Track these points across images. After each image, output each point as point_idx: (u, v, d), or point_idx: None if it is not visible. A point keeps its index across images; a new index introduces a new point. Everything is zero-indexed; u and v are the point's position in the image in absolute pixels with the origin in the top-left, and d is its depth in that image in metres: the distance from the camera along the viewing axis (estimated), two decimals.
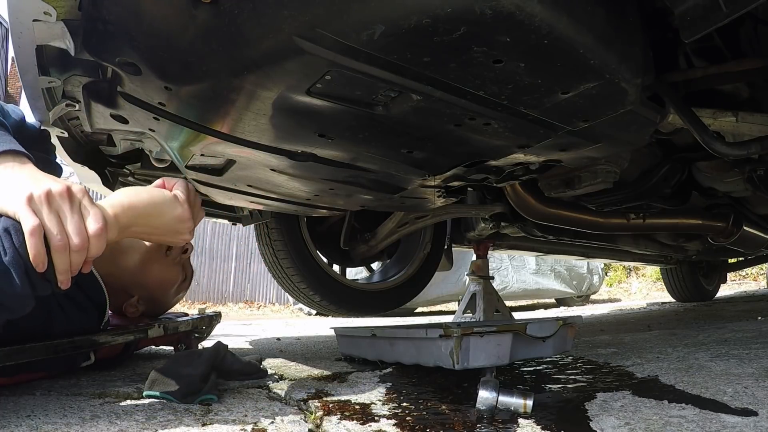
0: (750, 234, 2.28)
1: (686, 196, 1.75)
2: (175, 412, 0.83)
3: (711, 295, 4.47)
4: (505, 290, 6.32)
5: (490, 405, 0.87)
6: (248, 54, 0.69)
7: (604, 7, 0.68)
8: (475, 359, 1.01)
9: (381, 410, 0.92)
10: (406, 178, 1.16)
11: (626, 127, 0.93)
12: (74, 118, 1.18)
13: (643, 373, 1.17)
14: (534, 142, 0.95)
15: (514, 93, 0.77)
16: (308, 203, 1.38)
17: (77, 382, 1.07)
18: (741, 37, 1.02)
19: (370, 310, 2.24)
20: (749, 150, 0.96)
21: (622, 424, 0.79)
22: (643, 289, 10.40)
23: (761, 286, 7.15)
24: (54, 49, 0.87)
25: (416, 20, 0.60)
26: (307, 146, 0.98)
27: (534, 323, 1.11)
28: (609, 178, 1.30)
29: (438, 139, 0.95)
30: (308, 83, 0.74)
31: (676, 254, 2.98)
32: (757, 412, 0.81)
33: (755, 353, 1.30)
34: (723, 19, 0.65)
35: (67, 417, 0.78)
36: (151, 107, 0.88)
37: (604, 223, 1.88)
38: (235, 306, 10.04)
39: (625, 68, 0.75)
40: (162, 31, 0.69)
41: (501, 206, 1.96)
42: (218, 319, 1.72)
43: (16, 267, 0.68)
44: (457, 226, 2.34)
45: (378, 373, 1.24)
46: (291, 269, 1.97)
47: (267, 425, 0.80)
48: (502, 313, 2.29)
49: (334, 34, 0.64)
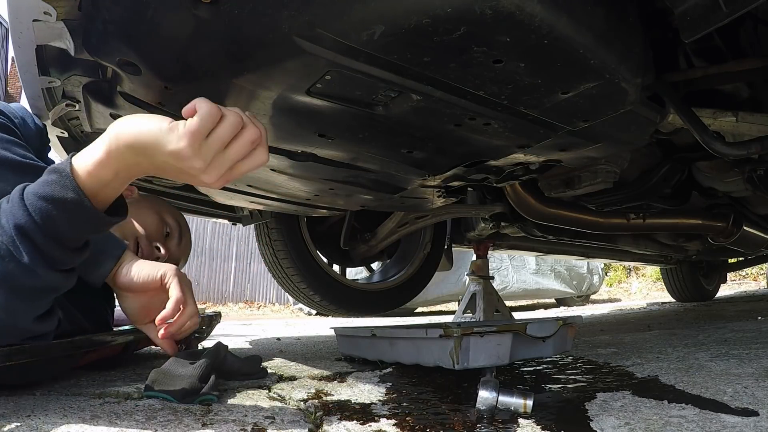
0: (750, 234, 2.28)
1: (686, 196, 1.75)
2: (175, 412, 0.83)
3: (711, 295, 4.47)
4: (505, 290, 6.32)
5: (490, 405, 0.87)
6: (248, 54, 0.69)
7: (604, 7, 0.68)
8: (475, 359, 1.01)
9: (381, 410, 0.92)
10: (406, 178, 1.16)
11: (626, 127, 0.93)
12: (74, 118, 1.18)
13: (643, 373, 1.17)
14: (534, 142, 0.95)
15: (514, 93, 0.77)
16: (308, 203, 1.38)
17: (77, 382, 1.07)
18: (741, 37, 1.02)
19: (370, 310, 2.24)
20: (749, 150, 0.96)
21: (622, 424, 0.79)
22: (643, 289, 10.41)
23: (761, 286, 7.15)
24: (54, 49, 0.87)
25: (416, 20, 0.61)
26: (307, 146, 0.98)
27: (534, 323, 1.11)
28: (609, 178, 1.30)
29: (438, 139, 0.95)
30: (308, 83, 0.74)
31: (676, 254, 2.98)
32: (757, 412, 0.81)
33: (755, 353, 1.30)
34: (723, 19, 0.65)
35: (67, 417, 0.78)
36: (151, 107, 0.88)
37: (604, 223, 1.88)
38: (235, 306, 10.04)
39: (625, 68, 0.75)
40: (162, 31, 0.69)
41: (501, 206, 1.96)
42: (218, 319, 1.72)
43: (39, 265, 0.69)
44: (457, 226, 2.34)
45: (378, 373, 1.24)
46: (291, 269, 1.97)
47: (267, 425, 0.80)
48: (502, 313, 2.30)
49: (334, 34, 0.64)
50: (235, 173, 0.69)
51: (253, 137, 0.68)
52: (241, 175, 0.70)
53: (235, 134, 0.67)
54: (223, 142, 0.66)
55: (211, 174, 0.67)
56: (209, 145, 0.66)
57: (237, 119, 0.67)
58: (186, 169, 0.67)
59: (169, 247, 1.27)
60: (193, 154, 0.65)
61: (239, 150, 0.68)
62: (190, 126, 0.64)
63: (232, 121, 0.66)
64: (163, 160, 0.66)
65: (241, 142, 0.68)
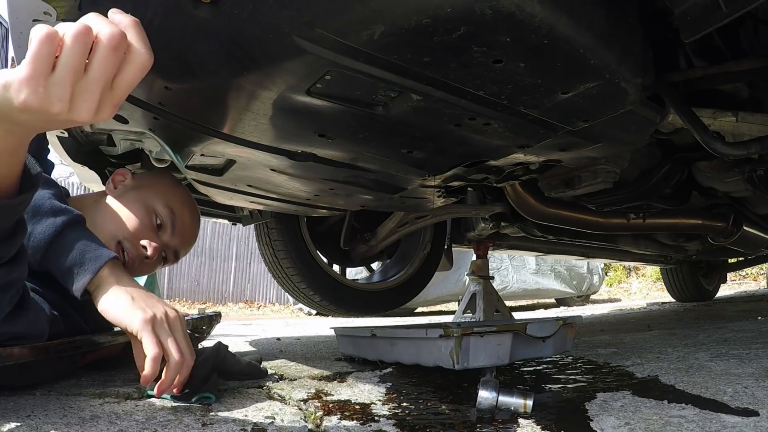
0: (750, 234, 2.28)
1: (686, 196, 1.75)
2: (175, 412, 0.83)
3: (711, 295, 4.47)
4: (505, 290, 6.32)
5: (490, 405, 0.87)
6: (248, 54, 0.69)
7: (604, 7, 0.68)
8: (475, 359, 1.01)
9: (381, 410, 0.92)
10: (406, 178, 1.16)
11: (626, 127, 0.93)
12: None
13: (643, 373, 1.17)
14: (534, 142, 0.95)
15: (514, 93, 0.77)
16: (308, 203, 1.38)
17: (77, 382, 1.07)
18: (741, 37, 1.02)
19: (370, 310, 2.24)
20: (749, 150, 0.96)
21: (622, 424, 0.79)
22: (643, 289, 10.41)
23: (761, 286, 7.15)
24: None
25: (416, 20, 0.60)
26: (307, 146, 0.98)
27: (534, 323, 1.11)
28: (609, 178, 1.30)
29: (438, 139, 0.95)
30: (308, 83, 0.74)
31: (676, 254, 2.98)
32: (757, 411, 0.81)
33: (755, 353, 1.29)
34: (723, 19, 0.65)
35: (67, 417, 0.78)
36: (151, 107, 0.88)
37: (604, 223, 1.88)
38: (235, 306, 10.04)
39: (625, 68, 0.75)
40: (162, 31, 0.69)
41: (501, 206, 1.96)
42: (218, 319, 1.72)
43: None
44: (457, 226, 2.34)
45: (378, 373, 1.24)
46: (291, 269, 1.97)
47: (267, 425, 0.80)
48: (502, 313, 2.30)
49: (334, 34, 0.64)
50: (119, 93, 0.56)
51: (113, 41, 0.53)
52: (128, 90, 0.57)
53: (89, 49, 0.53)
54: (75, 68, 0.53)
55: (82, 109, 0.54)
56: (58, 81, 0.52)
57: (80, 30, 0.52)
58: (51, 118, 0.54)
59: (162, 240, 1.14)
60: (43, 100, 0.52)
61: (103, 66, 0.54)
62: (22, 71, 0.52)
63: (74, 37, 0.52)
64: (22, 117, 0.54)
65: (100, 55, 0.53)
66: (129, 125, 0.99)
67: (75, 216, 0.94)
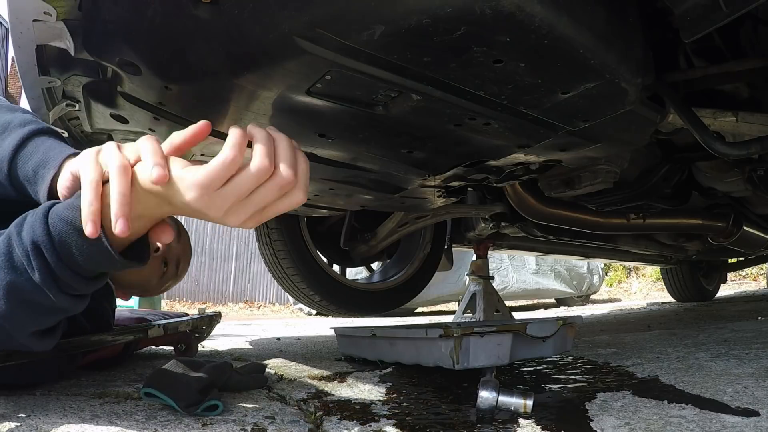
0: (750, 234, 2.28)
1: (686, 196, 1.75)
2: (175, 412, 0.83)
3: (711, 295, 4.47)
4: (505, 290, 6.32)
5: (490, 405, 0.87)
6: (248, 54, 0.69)
7: (604, 7, 0.68)
8: (475, 359, 1.01)
9: (381, 410, 0.92)
10: (406, 178, 1.16)
11: (626, 127, 0.93)
12: (74, 118, 1.18)
13: (643, 373, 1.17)
14: (534, 142, 0.95)
15: (514, 93, 0.77)
16: (308, 203, 1.38)
17: (77, 382, 1.07)
18: (741, 37, 1.02)
19: (370, 310, 2.24)
20: (749, 150, 0.96)
21: (622, 424, 0.79)
22: (643, 289, 10.40)
23: (761, 286, 7.15)
24: (54, 49, 0.87)
25: (416, 20, 0.60)
26: (308, 146, 0.98)
27: (534, 323, 1.11)
28: (609, 178, 1.30)
29: (438, 139, 0.95)
30: (308, 83, 0.74)
31: (676, 254, 2.98)
32: (757, 411, 0.81)
33: (755, 353, 1.29)
34: (723, 19, 0.65)
35: (67, 417, 0.78)
36: (151, 107, 0.88)
37: (604, 223, 1.88)
38: (235, 306, 10.04)
39: (625, 68, 0.75)
40: (162, 31, 0.69)
41: (501, 206, 1.96)
42: (218, 319, 1.72)
43: (50, 286, 0.66)
44: (457, 226, 2.34)
45: (378, 373, 1.24)
46: (291, 269, 1.97)
47: (267, 425, 0.80)
48: (502, 313, 2.29)
49: (335, 34, 0.64)
50: (266, 216, 0.62)
51: (283, 183, 0.58)
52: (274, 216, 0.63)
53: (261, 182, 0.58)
54: (244, 194, 0.58)
55: (231, 221, 0.60)
56: (224, 196, 0.58)
57: (263, 166, 0.57)
58: (203, 216, 0.60)
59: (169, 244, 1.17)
60: (204, 205, 0.58)
61: (266, 199, 0.59)
62: (199, 178, 0.57)
63: (255, 171, 0.57)
64: (181, 207, 0.60)
65: (269, 192, 0.59)
66: (129, 125, 0.99)
67: (45, 127, 0.84)
